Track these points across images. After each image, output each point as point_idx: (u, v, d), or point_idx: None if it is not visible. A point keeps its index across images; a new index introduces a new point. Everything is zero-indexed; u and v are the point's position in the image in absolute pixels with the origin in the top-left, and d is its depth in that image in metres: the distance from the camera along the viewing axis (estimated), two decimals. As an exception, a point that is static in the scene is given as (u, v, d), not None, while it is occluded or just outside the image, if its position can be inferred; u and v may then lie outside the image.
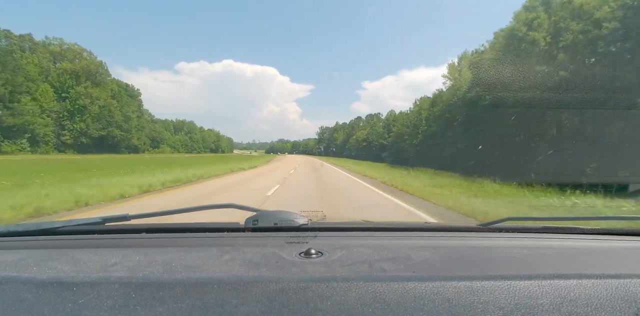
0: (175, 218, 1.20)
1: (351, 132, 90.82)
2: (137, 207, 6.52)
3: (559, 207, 6.87)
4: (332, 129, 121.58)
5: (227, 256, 0.72)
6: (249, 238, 0.93)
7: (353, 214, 6.04)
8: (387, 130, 59.10)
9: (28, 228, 0.98)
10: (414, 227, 1.15)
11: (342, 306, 0.52)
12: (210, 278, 0.59)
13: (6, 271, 0.63)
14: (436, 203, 7.37)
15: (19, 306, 0.52)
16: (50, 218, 5.30)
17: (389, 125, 58.90)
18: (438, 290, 0.56)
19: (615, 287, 0.58)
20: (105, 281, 0.58)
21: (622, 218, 2.06)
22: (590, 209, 6.45)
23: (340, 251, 0.76)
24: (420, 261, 0.71)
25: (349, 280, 0.58)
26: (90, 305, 0.52)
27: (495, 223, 1.09)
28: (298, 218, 0.98)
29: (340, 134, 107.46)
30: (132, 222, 1.05)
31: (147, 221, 1.09)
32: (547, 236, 1.02)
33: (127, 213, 1.04)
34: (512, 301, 0.54)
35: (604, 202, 7.23)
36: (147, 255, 0.72)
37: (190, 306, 0.52)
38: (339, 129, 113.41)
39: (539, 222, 1.18)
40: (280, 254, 0.73)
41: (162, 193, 8.90)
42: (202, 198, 7.91)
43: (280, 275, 0.61)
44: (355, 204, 7.24)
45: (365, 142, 70.43)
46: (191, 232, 1.00)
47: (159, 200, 7.57)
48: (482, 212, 5.84)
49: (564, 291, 0.57)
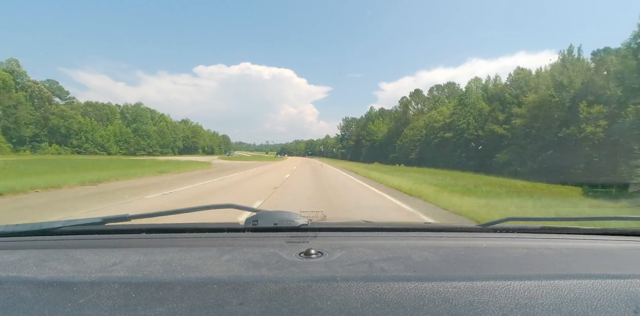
0: (175, 219, 1.20)
1: (403, 119, 57.42)
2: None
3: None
4: (365, 117, 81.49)
5: (227, 256, 0.72)
6: (249, 238, 0.93)
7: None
8: (500, 107, 31.09)
9: (28, 228, 0.98)
10: (414, 227, 1.15)
11: (342, 306, 0.52)
12: (210, 278, 0.59)
13: (6, 271, 0.63)
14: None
15: (19, 306, 0.52)
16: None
17: (503, 97, 31.35)
18: (438, 290, 0.56)
19: (615, 287, 0.58)
20: (105, 281, 0.58)
21: (622, 218, 2.05)
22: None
23: (340, 251, 0.76)
24: (420, 261, 0.71)
25: (349, 280, 0.58)
26: (90, 305, 0.52)
27: (495, 224, 1.09)
28: (298, 219, 0.98)
29: (381, 124, 70.21)
30: (132, 222, 1.06)
31: (147, 221, 1.09)
32: (547, 236, 1.02)
33: (127, 213, 1.04)
34: (512, 301, 0.54)
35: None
36: (147, 255, 0.72)
37: (190, 306, 0.52)
38: (374, 117, 75.07)
39: (538, 222, 1.18)
40: (280, 254, 0.73)
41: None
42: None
43: (280, 275, 0.61)
44: None
45: (450, 131, 38.33)
46: (191, 232, 1.00)
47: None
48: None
49: (564, 292, 0.57)
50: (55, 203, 7.61)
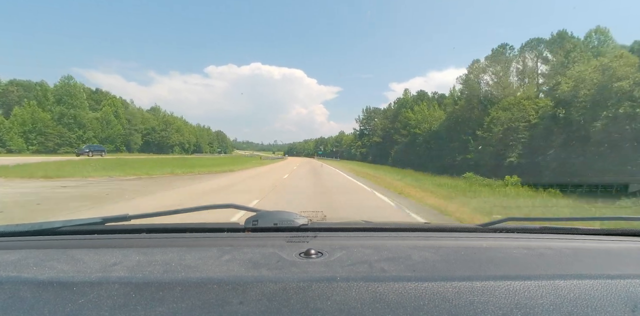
0: (175, 218, 1.20)
1: (477, 95, 34.66)
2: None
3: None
4: (397, 104, 58.80)
5: (227, 256, 0.72)
6: (249, 238, 0.93)
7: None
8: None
9: (28, 228, 0.98)
10: (414, 227, 1.15)
11: (342, 306, 0.52)
12: (210, 278, 0.59)
13: (6, 271, 0.63)
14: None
15: (18, 306, 0.52)
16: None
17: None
18: (438, 290, 0.56)
19: (615, 287, 0.58)
20: (105, 281, 0.58)
21: (622, 218, 2.05)
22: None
23: (340, 251, 0.76)
24: (420, 261, 0.71)
25: (349, 280, 0.58)
26: (90, 305, 0.52)
27: (495, 224, 1.09)
28: (298, 219, 0.98)
29: (435, 109, 45.99)
30: (132, 222, 1.06)
31: (147, 221, 1.09)
32: (547, 236, 1.02)
33: (127, 213, 1.04)
34: (512, 301, 0.54)
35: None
36: (147, 255, 0.72)
37: (190, 306, 0.52)
38: (411, 103, 52.01)
39: (538, 222, 1.18)
40: (280, 254, 0.73)
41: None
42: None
43: (280, 275, 0.61)
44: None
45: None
46: (191, 232, 1.00)
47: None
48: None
49: (563, 292, 0.57)
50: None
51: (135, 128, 64.50)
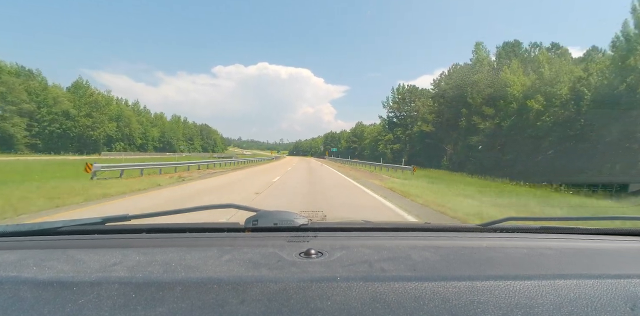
0: (175, 219, 1.20)
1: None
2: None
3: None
4: (474, 59, 33.76)
5: (227, 256, 0.72)
6: (249, 238, 0.92)
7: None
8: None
9: (28, 228, 0.98)
10: (414, 227, 1.15)
11: (342, 306, 0.52)
12: (210, 278, 0.59)
13: (6, 271, 0.63)
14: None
15: (18, 306, 0.52)
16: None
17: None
18: (438, 290, 0.56)
19: (615, 287, 0.58)
20: (105, 281, 0.58)
21: (622, 218, 2.06)
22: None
23: (340, 251, 0.76)
24: (420, 261, 0.71)
25: (349, 280, 0.58)
26: (90, 305, 0.52)
27: (495, 223, 1.09)
28: (298, 218, 0.97)
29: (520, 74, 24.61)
30: (132, 222, 1.05)
31: (147, 221, 1.09)
32: (547, 236, 1.02)
33: (127, 213, 1.04)
34: (512, 301, 0.54)
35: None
36: (147, 255, 0.72)
37: (190, 306, 0.52)
38: (481, 66, 30.86)
39: (538, 222, 1.18)
40: (280, 254, 0.73)
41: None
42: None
43: (281, 275, 0.61)
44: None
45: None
46: (191, 232, 1.00)
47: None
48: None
49: (564, 291, 0.57)
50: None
51: (49, 118, 39.42)
